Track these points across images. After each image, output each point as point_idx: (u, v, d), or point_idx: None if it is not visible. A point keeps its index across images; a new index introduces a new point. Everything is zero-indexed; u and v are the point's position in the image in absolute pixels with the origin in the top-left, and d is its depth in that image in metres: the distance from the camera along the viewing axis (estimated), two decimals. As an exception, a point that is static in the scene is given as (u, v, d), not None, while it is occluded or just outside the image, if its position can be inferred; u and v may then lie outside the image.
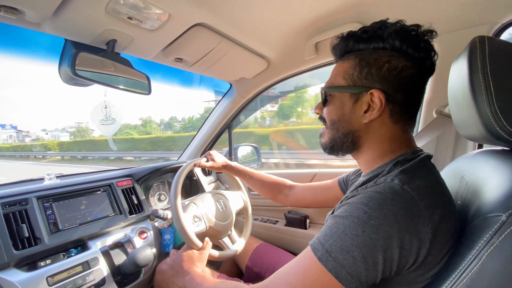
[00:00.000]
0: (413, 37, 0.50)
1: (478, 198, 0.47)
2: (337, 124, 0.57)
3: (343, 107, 0.55)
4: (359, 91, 0.53)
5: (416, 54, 0.50)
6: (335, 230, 0.45)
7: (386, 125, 0.53)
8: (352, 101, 0.54)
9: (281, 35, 0.98)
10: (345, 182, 0.86)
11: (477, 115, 0.43)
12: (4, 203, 0.78)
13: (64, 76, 0.76)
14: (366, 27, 0.54)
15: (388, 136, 0.54)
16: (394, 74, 0.50)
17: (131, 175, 1.14)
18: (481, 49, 0.43)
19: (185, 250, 0.85)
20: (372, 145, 0.55)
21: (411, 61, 0.50)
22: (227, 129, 1.54)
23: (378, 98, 0.51)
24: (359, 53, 0.54)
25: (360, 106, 0.53)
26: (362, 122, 0.54)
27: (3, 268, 0.71)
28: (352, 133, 0.56)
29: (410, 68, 0.50)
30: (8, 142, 47.38)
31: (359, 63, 0.53)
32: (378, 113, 0.51)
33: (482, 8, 0.79)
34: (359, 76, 0.53)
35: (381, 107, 0.51)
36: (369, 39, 0.53)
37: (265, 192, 1.06)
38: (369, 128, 0.54)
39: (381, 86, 0.51)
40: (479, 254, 0.38)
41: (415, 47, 0.50)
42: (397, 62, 0.50)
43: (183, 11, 0.73)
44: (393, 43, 0.50)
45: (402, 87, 0.51)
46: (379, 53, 0.52)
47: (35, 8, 0.62)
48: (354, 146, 0.57)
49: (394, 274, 0.44)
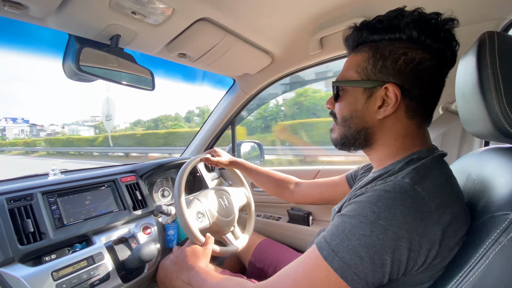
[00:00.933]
0: (433, 26, 0.47)
1: (485, 196, 0.46)
2: (349, 121, 0.54)
3: (356, 102, 0.53)
4: (373, 86, 0.50)
5: (435, 45, 0.47)
6: (342, 229, 0.44)
7: (401, 121, 0.51)
8: (366, 96, 0.51)
9: (286, 30, 0.97)
10: (353, 177, 0.84)
11: (486, 112, 0.42)
12: (9, 198, 0.79)
13: (68, 71, 0.76)
14: (381, 16, 0.51)
15: (403, 133, 0.51)
16: (411, 67, 0.47)
17: (135, 170, 1.14)
18: (490, 45, 0.42)
19: (189, 246, 0.86)
20: (386, 142, 0.53)
21: (430, 52, 0.47)
22: (230, 125, 1.54)
23: (393, 93, 0.48)
24: (373, 44, 0.51)
25: (374, 101, 0.50)
26: (376, 118, 0.51)
27: (8, 263, 0.71)
28: (365, 130, 0.53)
29: (429, 60, 0.47)
30: (20, 137, 45.98)
31: (373, 55, 0.50)
32: (393, 109, 0.49)
33: (490, 3, 0.78)
34: (373, 69, 0.50)
35: (397, 102, 0.48)
36: (384, 29, 0.49)
37: (271, 189, 1.05)
38: (383, 125, 0.52)
39: (397, 80, 0.48)
40: (487, 253, 0.37)
41: (435, 38, 0.46)
42: (414, 54, 0.47)
43: (187, 5, 0.73)
44: (410, 33, 0.47)
45: (419, 81, 0.48)
46: (395, 45, 0.48)
47: (39, 2, 0.62)
48: (367, 142, 0.55)
49: (401, 275, 0.43)
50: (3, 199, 0.77)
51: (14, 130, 50.93)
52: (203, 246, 0.86)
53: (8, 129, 51.49)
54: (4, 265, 0.70)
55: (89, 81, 0.85)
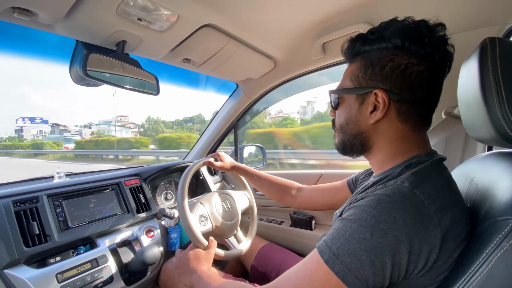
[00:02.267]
0: (416, 33, 0.49)
1: (488, 201, 0.46)
2: (345, 127, 0.58)
3: (350, 109, 0.56)
4: (364, 92, 0.53)
5: (421, 50, 0.49)
6: (342, 233, 0.44)
7: (395, 125, 0.52)
8: (359, 102, 0.54)
9: (288, 35, 0.98)
10: (354, 182, 0.85)
11: (488, 117, 0.42)
12: (15, 201, 0.80)
13: (75, 76, 0.78)
14: (373, 28, 0.54)
15: (398, 137, 0.53)
16: (397, 72, 0.49)
17: (139, 174, 1.15)
18: (492, 51, 0.43)
19: (191, 249, 0.86)
20: (382, 146, 0.55)
21: (417, 57, 0.49)
22: (233, 129, 1.55)
23: (381, 98, 0.50)
24: (365, 54, 0.54)
25: (366, 107, 0.53)
26: (369, 122, 0.53)
27: (13, 264, 0.72)
28: (360, 135, 0.56)
29: (415, 65, 0.49)
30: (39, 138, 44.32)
31: (364, 64, 0.53)
32: (382, 113, 0.51)
33: (492, 9, 0.78)
34: (363, 77, 0.53)
35: (385, 106, 0.50)
36: (374, 40, 0.52)
37: (273, 194, 1.05)
38: (377, 129, 0.54)
39: (385, 85, 0.51)
40: (489, 258, 0.37)
41: (419, 43, 0.49)
42: (400, 60, 0.49)
43: (191, 12, 0.74)
44: (395, 41, 0.50)
45: (407, 85, 0.50)
46: (382, 53, 0.51)
47: (48, 10, 0.64)
48: (364, 147, 0.57)
49: (402, 278, 0.43)
50: (10, 201, 0.78)
51: (32, 130, 48.79)
52: (206, 250, 0.86)
53: (26, 130, 49.23)
54: (9, 266, 0.71)
55: (95, 86, 0.86)
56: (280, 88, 1.36)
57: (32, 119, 50.25)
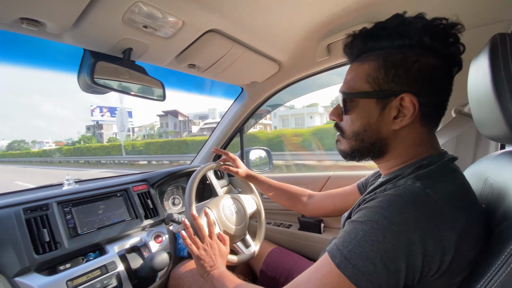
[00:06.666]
0: (442, 32, 0.46)
1: (504, 201, 0.45)
2: (362, 135, 0.52)
3: (369, 115, 0.50)
4: (388, 97, 0.48)
5: (445, 51, 0.46)
6: (353, 236, 0.43)
7: (415, 129, 0.49)
8: (380, 107, 0.49)
9: (293, 38, 0.98)
10: (365, 186, 0.83)
11: (501, 114, 0.41)
12: (26, 209, 0.81)
13: (83, 84, 0.79)
14: (382, 23, 0.50)
15: (417, 141, 0.51)
16: (424, 74, 0.46)
17: (146, 179, 1.16)
18: (503, 47, 0.42)
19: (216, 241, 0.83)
20: (399, 151, 0.52)
21: (442, 58, 0.47)
22: (239, 132, 1.55)
23: (410, 103, 0.46)
24: (381, 52, 0.49)
25: (389, 112, 0.49)
26: (391, 129, 0.50)
27: (24, 272, 0.73)
28: (380, 141, 0.51)
29: (441, 66, 0.47)
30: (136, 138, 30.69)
31: (383, 64, 0.48)
32: (411, 119, 0.47)
33: (500, 5, 0.77)
34: (385, 79, 0.48)
35: (414, 112, 0.47)
36: (391, 36, 0.48)
37: (284, 201, 1.04)
38: (398, 134, 0.50)
39: (412, 89, 0.46)
40: (508, 261, 0.36)
41: (445, 43, 0.46)
42: (427, 61, 0.46)
43: (196, 18, 0.75)
44: (422, 39, 0.46)
45: (434, 88, 0.47)
46: (405, 52, 0.47)
47: (56, 20, 0.65)
48: (380, 153, 0.53)
49: (416, 281, 0.42)
50: (20, 209, 0.80)
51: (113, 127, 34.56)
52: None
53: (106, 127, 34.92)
54: (20, 274, 0.72)
55: (103, 93, 0.87)
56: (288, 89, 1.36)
57: (112, 109, 35.34)
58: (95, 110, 36.48)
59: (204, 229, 0.82)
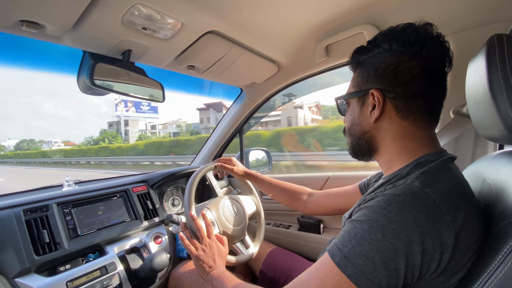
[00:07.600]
0: (400, 35, 0.53)
1: (502, 201, 0.45)
2: (351, 130, 0.61)
3: (354, 112, 0.60)
4: (362, 94, 0.57)
5: (409, 49, 0.52)
6: (353, 235, 0.44)
7: (395, 122, 0.54)
8: (360, 104, 0.58)
9: (291, 39, 0.98)
10: (366, 186, 0.84)
11: (498, 115, 0.42)
12: (26, 210, 0.81)
13: (83, 86, 0.79)
14: (371, 39, 0.59)
15: (401, 134, 0.54)
16: (389, 71, 0.53)
17: (146, 180, 1.16)
18: (500, 47, 0.42)
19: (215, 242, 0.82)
20: (387, 145, 0.56)
21: (406, 56, 0.52)
22: (238, 133, 1.55)
23: (377, 97, 0.54)
24: (364, 63, 0.59)
25: (367, 107, 0.57)
26: (370, 121, 0.56)
27: (24, 273, 0.73)
28: (364, 135, 0.58)
29: (406, 62, 0.52)
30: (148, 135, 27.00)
31: (362, 70, 0.58)
32: (379, 110, 0.54)
33: (498, 6, 0.77)
34: (362, 81, 0.58)
35: (380, 104, 0.53)
36: (371, 49, 0.57)
37: (284, 200, 1.04)
38: (380, 127, 0.56)
39: (379, 85, 0.54)
40: (505, 260, 0.37)
41: (405, 44, 0.52)
42: (390, 60, 0.53)
43: (195, 19, 0.75)
44: (385, 46, 0.54)
45: (400, 81, 0.52)
46: (376, 58, 0.56)
47: (55, 22, 0.65)
48: (370, 147, 0.59)
49: (416, 280, 0.43)
50: (21, 210, 0.80)
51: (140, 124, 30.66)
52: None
53: (132, 123, 30.44)
54: (20, 275, 0.72)
55: (102, 95, 0.87)
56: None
57: (137, 104, 30.71)
58: (119, 105, 31.95)
59: (203, 230, 0.83)
